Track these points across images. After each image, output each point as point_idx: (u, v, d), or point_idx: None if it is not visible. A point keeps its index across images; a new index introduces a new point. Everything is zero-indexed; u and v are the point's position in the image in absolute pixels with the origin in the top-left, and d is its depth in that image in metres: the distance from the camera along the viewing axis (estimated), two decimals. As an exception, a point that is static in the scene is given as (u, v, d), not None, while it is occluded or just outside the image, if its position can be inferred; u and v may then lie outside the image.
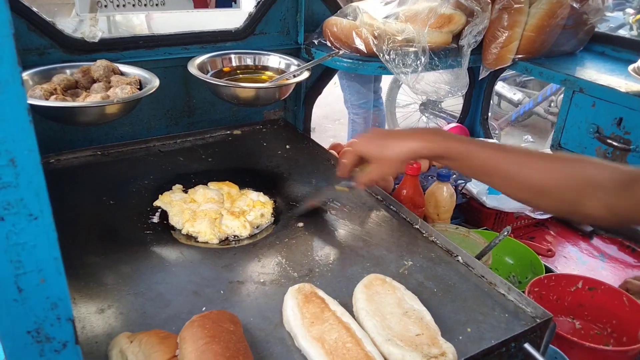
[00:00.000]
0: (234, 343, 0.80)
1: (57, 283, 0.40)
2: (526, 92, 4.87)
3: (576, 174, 0.87)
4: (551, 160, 0.92)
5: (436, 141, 0.97)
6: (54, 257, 0.39)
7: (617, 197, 0.83)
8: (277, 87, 1.41)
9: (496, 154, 0.94)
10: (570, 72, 1.56)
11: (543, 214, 1.74)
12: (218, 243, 1.15)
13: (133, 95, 1.20)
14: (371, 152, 1.04)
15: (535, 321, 0.96)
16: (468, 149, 0.95)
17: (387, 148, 1.01)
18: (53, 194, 0.38)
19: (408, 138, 0.99)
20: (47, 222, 0.38)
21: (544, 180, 0.89)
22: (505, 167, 0.93)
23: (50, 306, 0.40)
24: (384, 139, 1.02)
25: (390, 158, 1.01)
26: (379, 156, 1.03)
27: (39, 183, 0.37)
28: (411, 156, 1.00)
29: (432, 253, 1.15)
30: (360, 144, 1.06)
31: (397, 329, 0.90)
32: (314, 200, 1.28)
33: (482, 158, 0.94)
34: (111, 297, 0.97)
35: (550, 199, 0.91)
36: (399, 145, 0.99)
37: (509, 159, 0.93)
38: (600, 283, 1.38)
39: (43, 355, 0.41)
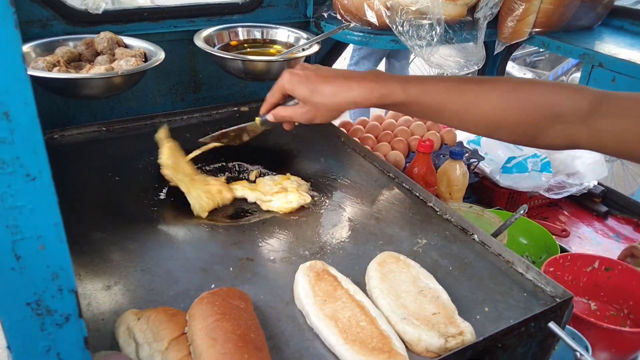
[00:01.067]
0: (244, 320, 0.77)
1: (58, 251, 0.37)
2: (536, 73, 4.78)
3: (534, 104, 0.80)
4: (507, 90, 0.83)
5: (376, 89, 0.86)
6: (55, 222, 0.36)
7: (577, 127, 0.78)
8: (287, 61, 1.37)
9: (446, 92, 0.85)
10: (589, 47, 1.50)
11: (558, 194, 1.70)
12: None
13: (138, 67, 1.16)
14: (301, 92, 0.90)
15: (555, 300, 0.93)
16: (414, 95, 0.86)
17: (321, 93, 0.88)
18: (57, 170, 0.35)
19: (346, 84, 0.87)
20: (46, 183, 0.35)
21: (500, 114, 0.83)
22: (456, 106, 0.85)
23: (51, 276, 0.37)
24: (320, 81, 0.88)
25: (322, 105, 0.89)
26: (309, 100, 0.90)
27: (36, 140, 0.33)
28: (349, 106, 0.89)
29: (447, 231, 1.12)
30: (289, 80, 0.91)
31: (413, 307, 0.87)
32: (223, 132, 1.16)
33: (429, 103, 0.86)
34: (117, 273, 0.94)
35: (508, 132, 0.85)
36: (335, 92, 0.87)
37: (460, 96, 0.84)
38: (617, 263, 1.35)
39: (44, 329, 0.38)
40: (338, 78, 0.89)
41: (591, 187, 1.77)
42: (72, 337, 0.40)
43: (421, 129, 1.78)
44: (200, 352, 0.72)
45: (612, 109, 0.75)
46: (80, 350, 0.40)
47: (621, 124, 0.73)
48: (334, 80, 0.88)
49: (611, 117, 0.74)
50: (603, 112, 0.75)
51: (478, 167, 1.70)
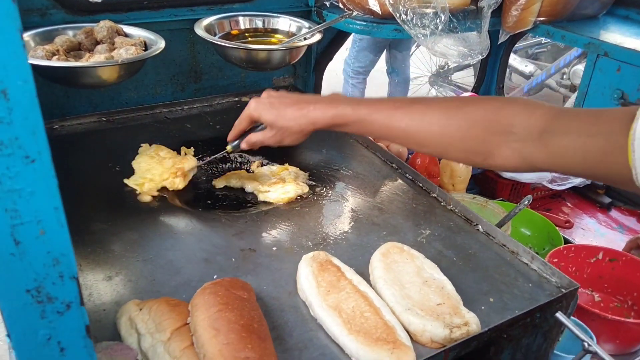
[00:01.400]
0: (247, 311, 0.76)
1: (58, 236, 0.36)
2: (538, 65, 4.75)
3: (480, 120, 0.79)
4: (452, 107, 0.83)
5: (329, 110, 0.91)
6: (55, 206, 0.35)
7: (532, 147, 0.74)
8: (288, 50, 1.35)
9: (391, 113, 0.86)
10: (594, 36, 1.48)
11: (561, 185, 1.69)
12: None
13: (138, 55, 1.15)
14: (267, 118, 0.97)
15: (560, 291, 0.92)
16: (362, 114, 0.89)
17: (285, 117, 0.95)
18: (57, 161, 0.34)
19: (304, 107, 0.93)
20: (46, 165, 0.33)
21: (446, 131, 0.82)
22: (403, 126, 0.85)
23: (51, 262, 0.36)
24: (282, 107, 0.96)
25: (288, 129, 0.96)
26: (275, 125, 0.97)
27: (35, 120, 0.32)
28: (311, 127, 0.94)
29: (451, 222, 1.11)
30: (256, 107, 0.99)
31: (417, 298, 0.86)
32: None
33: (378, 121, 0.88)
34: (119, 264, 0.93)
35: (458, 150, 0.83)
36: (296, 116, 0.94)
37: (405, 116, 0.85)
38: (622, 254, 1.34)
39: (44, 317, 0.37)
40: (299, 102, 0.95)
41: (595, 179, 1.76)
42: (74, 325, 0.39)
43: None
44: (202, 342, 0.71)
45: (571, 125, 0.70)
46: (82, 339, 0.39)
47: (582, 142, 0.68)
48: (295, 104, 0.95)
49: (570, 135, 0.69)
50: (561, 129, 0.71)
51: (481, 158, 1.69)
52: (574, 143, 0.68)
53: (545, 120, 0.73)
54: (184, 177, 1.13)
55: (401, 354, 0.75)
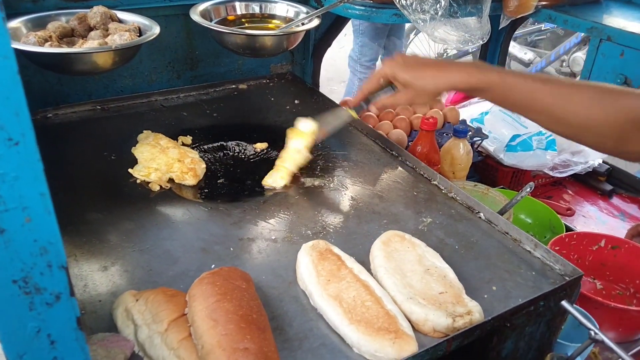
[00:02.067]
0: (246, 301, 0.75)
1: (45, 223, 0.34)
2: (537, 52, 4.72)
3: (622, 109, 0.80)
4: (598, 92, 0.84)
5: (475, 74, 0.91)
6: (41, 192, 0.33)
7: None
8: (286, 36, 1.33)
9: (539, 86, 0.87)
10: (597, 20, 1.46)
11: (562, 172, 1.68)
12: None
13: (132, 41, 1.12)
14: (406, 78, 0.96)
15: (564, 279, 0.91)
16: (509, 82, 0.89)
17: (423, 78, 0.95)
18: (51, 150, 0.32)
19: (445, 69, 0.94)
20: (30, 149, 0.31)
21: (588, 115, 0.83)
22: (548, 101, 0.86)
23: (38, 251, 0.34)
24: (420, 67, 0.96)
25: (423, 89, 0.95)
26: (411, 84, 0.96)
27: (18, 100, 0.30)
28: (448, 88, 0.95)
29: (452, 210, 1.09)
30: (391, 66, 0.98)
31: (419, 287, 0.84)
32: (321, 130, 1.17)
33: (524, 91, 0.88)
34: (115, 254, 0.91)
35: (594, 135, 0.85)
36: (436, 76, 0.94)
37: (552, 92, 0.86)
38: (624, 242, 1.33)
39: (33, 309, 0.35)
40: (438, 64, 0.97)
41: (596, 166, 1.75)
42: (64, 317, 0.37)
43: (423, 107, 1.74)
44: (201, 333, 0.69)
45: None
46: (72, 331, 0.37)
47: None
48: (434, 66, 0.96)
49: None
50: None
51: (482, 146, 1.67)
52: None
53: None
54: (195, 176, 1.12)
55: (403, 343, 0.74)
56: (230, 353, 0.66)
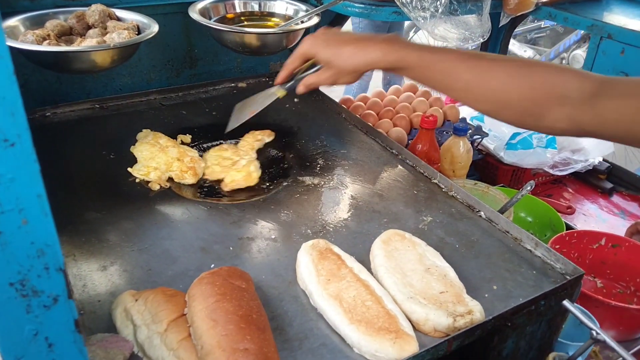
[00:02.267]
0: (246, 301, 0.74)
1: (42, 225, 0.33)
2: (537, 50, 4.71)
3: (541, 84, 0.79)
4: (517, 67, 0.83)
5: (393, 51, 0.88)
6: (37, 193, 0.32)
7: (581, 110, 0.76)
8: (285, 34, 1.32)
9: (457, 64, 0.85)
10: (597, 17, 1.45)
11: (562, 171, 1.67)
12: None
13: (131, 39, 1.11)
14: (324, 57, 0.93)
15: (565, 278, 0.90)
16: (428, 59, 0.87)
17: (341, 56, 0.91)
18: (50, 149, 0.32)
19: (364, 47, 0.90)
20: (26, 150, 0.31)
21: (507, 91, 0.81)
22: (467, 77, 0.84)
23: (36, 253, 0.34)
24: (339, 45, 0.91)
25: (343, 68, 0.92)
26: (331, 63, 0.93)
27: (13, 99, 0.29)
28: (367, 67, 0.91)
29: (453, 208, 1.09)
30: (311, 45, 0.95)
31: (420, 286, 0.84)
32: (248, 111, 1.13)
33: (442, 68, 0.86)
34: (114, 253, 0.91)
35: (513, 111, 0.83)
36: (354, 54, 0.90)
37: (471, 69, 0.84)
38: (625, 240, 1.32)
39: (30, 312, 0.35)
40: (357, 41, 0.91)
41: (596, 164, 1.74)
42: (62, 320, 0.36)
43: (423, 105, 1.74)
44: (200, 333, 0.69)
45: (620, 89, 0.73)
46: (70, 334, 0.37)
47: (630, 105, 0.71)
48: (353, 42, 0.91)
49: (619, 99, 0.73)
50: (611, 93, 0.74)
51: (482, 144, 1.67)
52: (622, 107, 0.71)
53: (596, 85, 0.75)
54: (195, 175, 1.11)
55: (404, 343, 0.73)
56: (230, 353, 0.66)
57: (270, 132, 1.29)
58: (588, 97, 0.75)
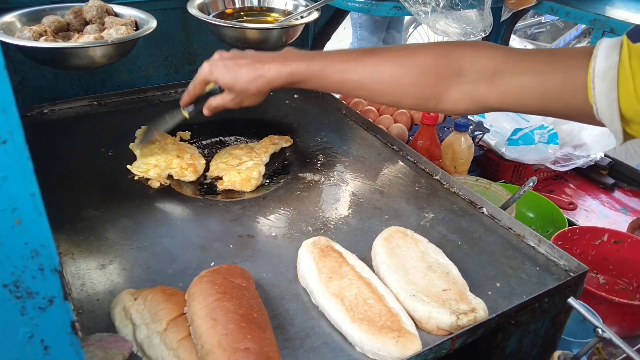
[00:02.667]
0: (246, 299, 0.73)
1: (36, 225, 0.32)
2: (537, 45, 4.69)
3: (430, 65, 0.80)
4: (403, 55, 0.84)
5: (284, 67, 0.88)
6: (31, 192, 0.31)
7: (483, 87, 0.76)
8: (284, 29, 1.31)
9: (345, 66, 0.86)
10: (600, 12, 1.44)
11: (564, 166, 1.66)
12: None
13: (129, 35, 1.10)
14: (224, 81, 0.93)
15: (569, 275, 0.89)
16: (316, 67, 0.87)
17: (241, 79, 0.90)
18: (48, 146, 0.31)
19: (260, 67, 0.89)
20: (19, 147, 0.30)
21: (397, 79, 0.82)
22: (356, 78, 0.85)
23: (30, 254, 0.33)
24: (237, 68, 0.91)
25: (245, 91, 0.92)
26: (233, 87, 0.92)
27: (5, 96, 0.28)
28: (268, 87, 0.91)
29: (455, 205, 1.08)
30: (210, 70, 0.94)
31: (422, 284, 0.83)
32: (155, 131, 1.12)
33: (333, 73, 0.87)
34: (112, 252, 0.90)
35: (411, 99, 0.84)
36: (253, 76, 0.90)
37: (358, 69, 0.84)
38: (627, 236, 1.32)
39: (25, 314, 0.34)
40: (254, 62, 0.91)
41: (598, 159, 1.73)
42: (58, 322, 0.35)
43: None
44: (200, 333, 0.68)
45: (526, 65, 0.73)
46: (67, 336, 0.36)
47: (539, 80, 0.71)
48: (249, 65, 0.90)
49: (526, 74, 0.73)
50: (516, 69, 0.74)
51: (483, 140, 1.66)
52: (531, 82, 0.71)
53: (496, 61, 0.75)
54: (195, 172, 1.10)
55: (406, 342, 0.72)
56: (230, 353, 0.65)
57: (288, 138, 1.27)
58: (489, 74, 0.76)
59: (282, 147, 1.26)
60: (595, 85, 0.63)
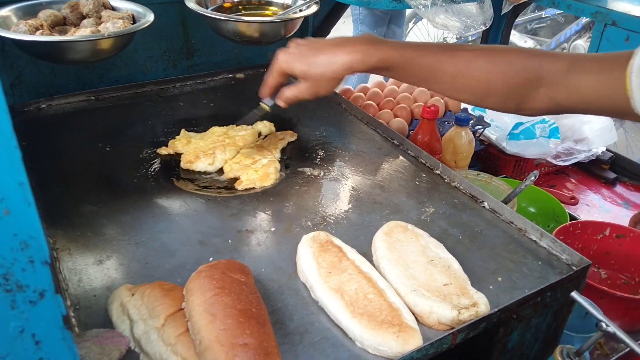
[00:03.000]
0: (245, 294, 0.72)
1: (26, 216, 0.31)
2: (537, 40, 4.67)
3: (521, 68, 0.82)
4: (496, 55, 0.85)
5: (372, 53, 0.86)
6: (20, 181, 0.30)
7: (557, 88, 0.80)
8: (283, 22, 1.29)
9: (439, 57, 0.86)
10: (601, 4, 1.42)
11: (565, 161, 1.65)
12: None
13: (126, 29, 1.09)
14: (299, 69, 0.91)
15: (571, 269, 0.88)
16: (410, 56, 0.86)
17: (318, 65, 0.89)
18: (45, 141, 0.30)
19: (340, 51, 0.87)
20: (6, 135, 0.29)
21: (491, 80, 0.84)
22: (450, 70, 0.85)
23: (19, 246, 0.32)
24: (313, 54, 0.89)
25: (322, 76, 0.90)
26: (308, 74, 0.90)
27: (-10, 81, 0.27)
28: (346, 72, 0.89)
29: (455, 199, 1.07)
30: (285, 59, 0.92)
31: (423, 278, 0.82)
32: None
33: (425, 64, 0.86)
34: (110, 247, 0.89)
35: (497, 98, 0.85)
36: (331, 60, 0.88)
37: (454, 61, 0.85)
38: (629, 230, 1.31)
39: (15, 307, 0.33)
40: (332, 46, 0.89)
41: (599, 154, 1.72)
42: (49, 316, 0.34)
43: (424, 96, 1.72)
44: (198, 328, 0.67)
45: (587, 66, 0.78)
46: (59, 330, 0.35)
47: (594, 79, 0.76)
48: (328, 49, 0.89)
49: (587, 74, 0.77)
50: (580, 69, 0.78)
51: (484, 134, 1.64)
52: (588, 81, 0.76)
53: (567, 63, 0.79)
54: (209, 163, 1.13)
55: (407, 337, 0.72)
56: (229, 349, 0.64)
57: (292, 132, 1.26)
58: (562, 75, 0.79)
59: (289, 141, 1.24)
60: (632, 79, 0.68)
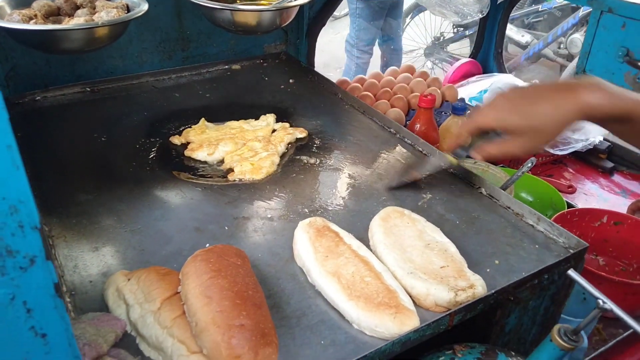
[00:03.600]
0: (241, 277, 0.72)
1: (14, 179, 0.31)
2: (534, 34, 4.67)
3: None
4: None
5: (608, 98, 0.73)
6: (7, 144, 0.30)
7: None
8: (279, 11, 1.29)
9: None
10: (598, -8, 1.42)
11: (563, 150, 1.65)
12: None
13: (120, 17, 1.08)
14: (518, 123, 0.78)
15: (568, 252, 0.88)
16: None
17: (539, 114, 0.76)
18: (41, 132, 0.29)
19: (568, 95, 0.75)
20: (-8, 94, 0.28)
21: None
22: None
23: (8, 210, 0.31)
24: (527, 103, 0.78)
25: (544, 128, 0.77)
26: (525, 127, 0.78)
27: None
28: (575, 118, 0.75)
29: (453, 185, 1.07)
30: (498, 114, 0.81)
31: (420, 261, 0.82)
32: (412, 172, 1.05)
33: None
34: (106, 234, 0.89)
35: None
36: (558, 107, 0.75)
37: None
38: (627, 217, 1.31)
39: (5, 274, 0.33)
40: (550, 91, 0.78)
41: (597, 143, 1.72)
42: (40, 283, 0.34)
43: (421, 86, 1.71)
44: (194, 311, 0.67)
45: None
46: (50, 298, 0.35)
47: None
48: (547, 93, 0.77)
49: None
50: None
51: (480, 124, 1.64)
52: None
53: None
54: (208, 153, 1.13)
55: (404, 318, 0.71)
56: (225, 330, 0.63)
57: (302, 129, 1.23)
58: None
59: (297, 137, 1.22)
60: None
